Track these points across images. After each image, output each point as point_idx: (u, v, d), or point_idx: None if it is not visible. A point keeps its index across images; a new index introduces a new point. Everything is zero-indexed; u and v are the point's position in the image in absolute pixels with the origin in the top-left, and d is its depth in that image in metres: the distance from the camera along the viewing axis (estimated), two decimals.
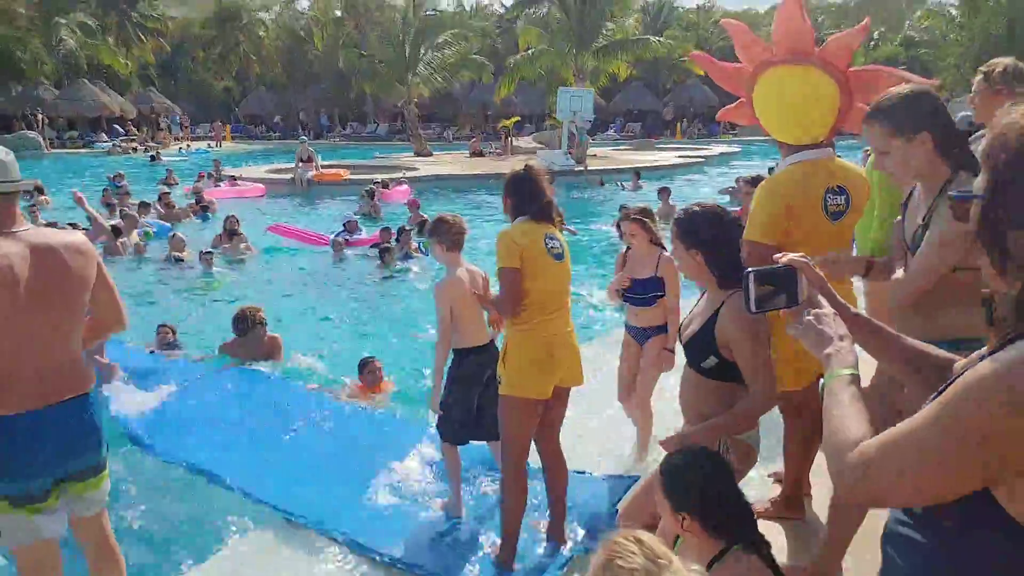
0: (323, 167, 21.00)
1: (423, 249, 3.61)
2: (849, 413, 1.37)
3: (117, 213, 13.72)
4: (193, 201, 16.05)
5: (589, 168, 22.93)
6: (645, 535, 1.78)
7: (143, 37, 48.22)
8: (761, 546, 2.16)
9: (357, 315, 8.68)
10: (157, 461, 4.77)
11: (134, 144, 36.37)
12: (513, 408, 3.33)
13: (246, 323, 6.57)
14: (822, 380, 1.56)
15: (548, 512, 3.65)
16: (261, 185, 20.23)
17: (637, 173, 20.07)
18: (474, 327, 3.82)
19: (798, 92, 3.15)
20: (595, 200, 18.49)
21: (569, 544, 3.59)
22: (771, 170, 3.46)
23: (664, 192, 14.18)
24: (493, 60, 42.00)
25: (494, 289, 3.50)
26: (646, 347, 4.29)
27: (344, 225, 12.63)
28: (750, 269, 1.65)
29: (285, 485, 4.27)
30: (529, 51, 29.09)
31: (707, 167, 26.20)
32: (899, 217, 2.67)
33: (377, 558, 3.57)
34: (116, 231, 11.33)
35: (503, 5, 47.32)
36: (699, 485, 2.17)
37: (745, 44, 3.31)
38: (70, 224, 9.13)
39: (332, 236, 12.09)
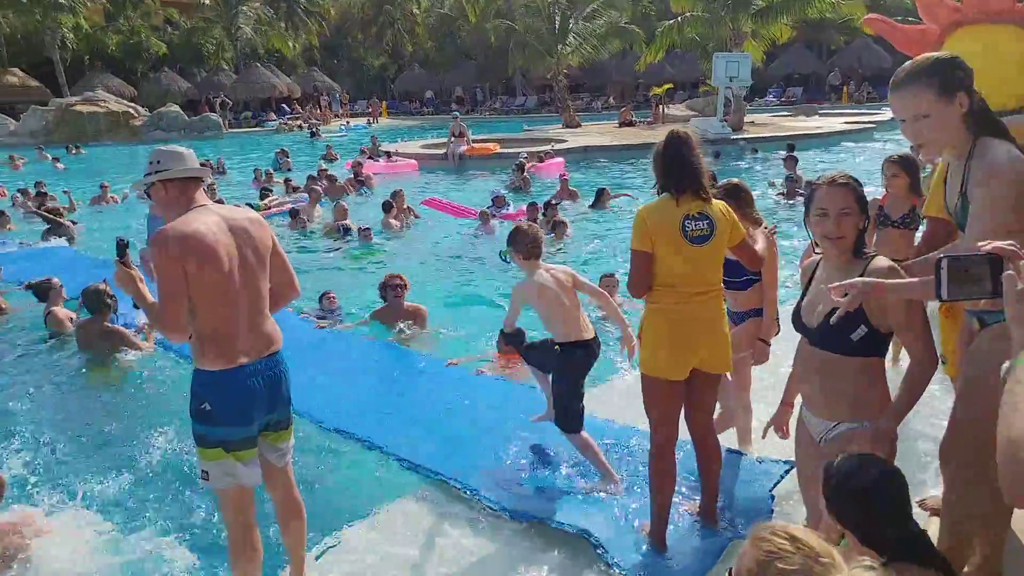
0: (474, 141, 21.39)
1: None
2: None
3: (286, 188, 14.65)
4: (352, 176, 16.84)
5: (746, 136, 21.94)
6: (799, 531, 1.63)
7: (309, 21, 50.98)
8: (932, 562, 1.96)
9: (500, 288, 8.78)
10: (313, 425, 5.02)
11: (299, 122, 38.69)
12: (646, 386, 3.31)
13: (385, 289, 7.00)
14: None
15: (700, 493, 3.57)
16: (414, 161, 20.90)
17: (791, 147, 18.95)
18: (572, 323, 3.99)
19: (1015, 51, 2.83)
20: (752, 169, 17.68)
21: (722, 526, 3.50)
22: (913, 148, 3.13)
23: (791, 161, 13.34)
24: (644, 28, 40.98)
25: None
26: (737, 330, 3.93)
27: (492, 199, 12.81)
28: (945, 255, 1.57)
29: (437, 452, 4.41)
30: (680, 17, 28.00)
31: (877, 133, 24.26)
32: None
33: (527, 524, 3.63)
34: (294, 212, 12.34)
35: None
36: (864, 501, 1.98)
37: (929, 4, 3.02)
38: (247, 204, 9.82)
39: (480, 210, 12.31)
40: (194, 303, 2.75)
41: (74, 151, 27.33)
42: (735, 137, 21.93)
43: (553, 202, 11.59)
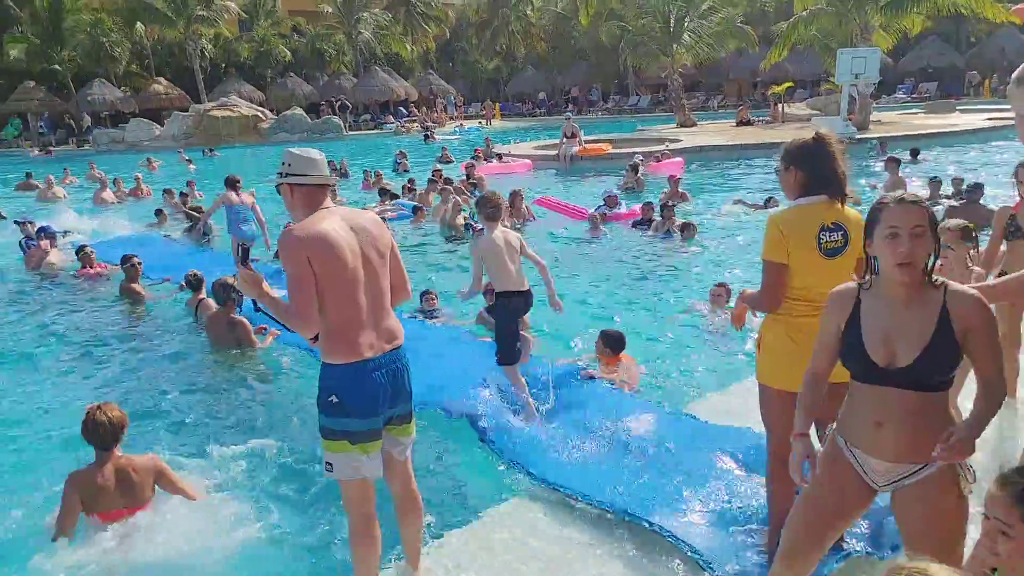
0: (586, 142, 21.33)
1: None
2: None
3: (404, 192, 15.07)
4: (464, 177, 17.13)
5: (873, 136, 20.85)
6: (935, 567, 1.55)
7: (426, 26, 52.30)
8: None
9: (609, 290, 8.72)
10: (424, 422, 5.12)
11: (415, 124, 39.72)
12: (764, 397, 3.19)
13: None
14: None
15: None
16: (528, 161, 21.06)
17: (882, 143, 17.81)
18: (514, 277, 5.16)
19: None
20: (876, 171, 16.78)
21: (845, 542, 3.33)
22: None
23: (891, 162, 12.50)
24: (763, 24, 39.63)
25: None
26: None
27: (604, 199, 12.73)
28: None
29: (548, 456, 4.42)
30: (805, 12, 26.87)
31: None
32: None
33: (644, 527, 3.61)
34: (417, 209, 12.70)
35: None
36: None
37: None
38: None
39: (591, 211, 12.27)
40: (321, 299, 2.88)
41: (208, 153, 29.14)
42: (860, 137, 20.87)
43: (671, 203, 11.37)
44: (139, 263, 8.88)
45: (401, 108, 44.94)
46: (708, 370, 6.09)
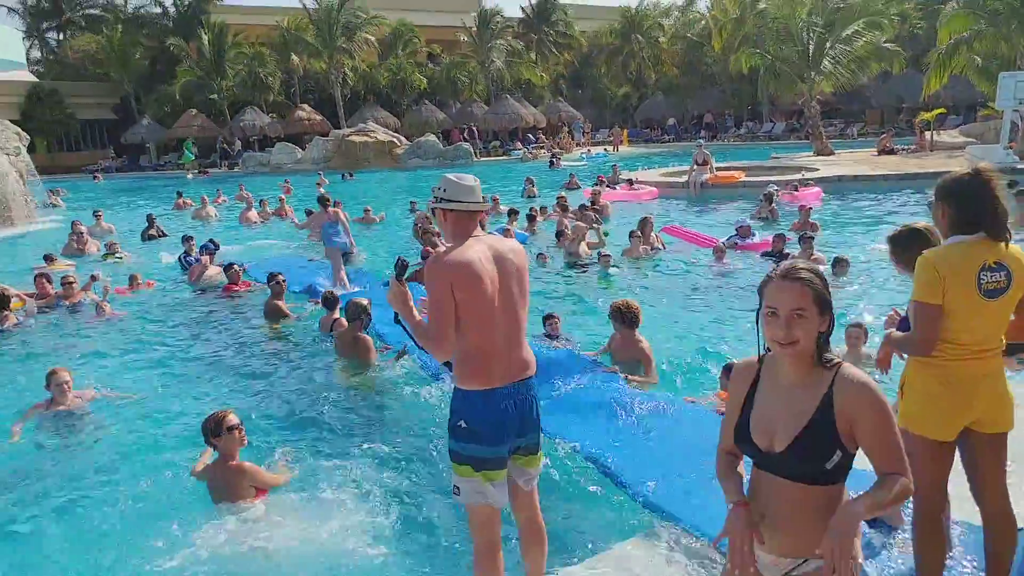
0: (717, 169, 20.85)
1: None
2: None
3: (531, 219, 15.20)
4: (590, 203, 17.05)
5: None
6: None
7: (557, 53, 53.06)
8: None
9: (732, 321, 8.40)
10: (550, 456, 5.05)
11: (542, 150, 40.18)
12: (911, 445, 2.90)
13: (620, 317, 6.64)
14: None
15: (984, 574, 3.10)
16: (654, 188, 20.78)
17: None
18: None
19: None
20: None
21: None
22: None
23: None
24: (912, 47, 37.53)
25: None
26: None
27: (736, 229, 12.36)
28: None
29: (672, 494, 4.27)
30: (966, 33, 25.17)
31: None
32: None
33: None
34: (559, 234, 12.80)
35: None
36: None
37: None
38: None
39: (722, 240, 11.93)
40: (459, 326, 2.94)
41: (348, 177, 30.57)
42: (1021, 167, 19.28)
43: (809, 235, 10.88)
44: (284, 281, 9.37)
45: (529, 135, 45.63)
46: None
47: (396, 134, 39.51)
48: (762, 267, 10.73)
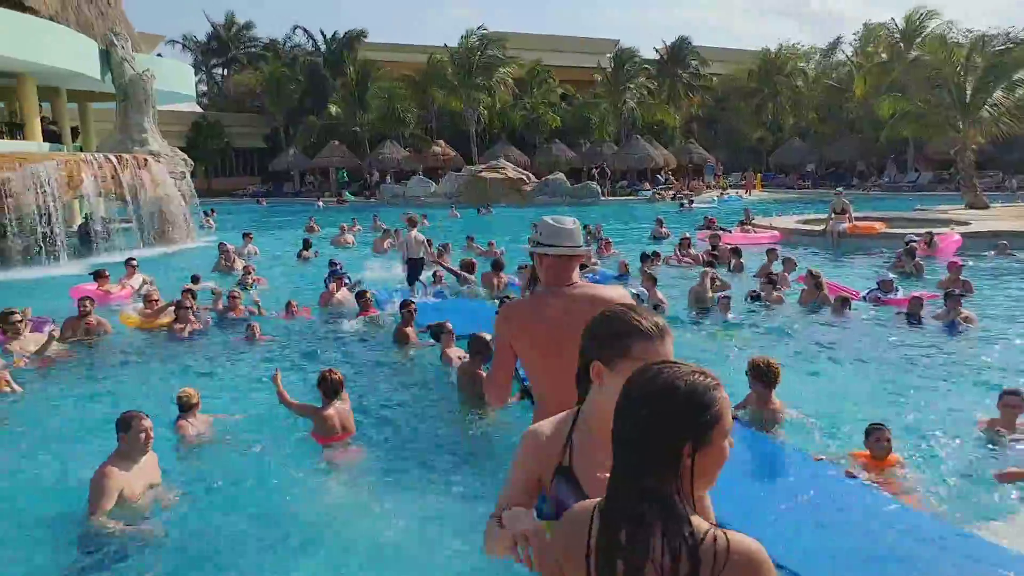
0: (856, 219, 19.94)
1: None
2: None
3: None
4: (710, 248, 16.67)
5: None
6: None
7: (690, 94, 52.63)
8: None
9: (874, 378, 7.92)
10: None
11: (672, 192, 39.75)
12: None
13: (758, 373, 6.24)
14: None
15: None
16: (776, 232, 20.19)
17: None
18: None
19: None
20: None
21: None
22: None
23: None
24: None
25: None
26: None
27: (878, 283, 11.73)
28: None
29: (797, 555, 4.04)
30: None
31: None
32: None
33: None
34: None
35: None
36: None
37: None
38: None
39: (864, 293, 11.41)
40: (527, 373, 3.12)
41: (483, 212, 31.42)
42: None
43: (955, 292, 10.17)
44: (415, 309, 9.65)
45: (658, 176, 45.31)
46: (990, 483, 5.26)
47: (525, 171, 40.23)
48: (900, 323, 10.09)
